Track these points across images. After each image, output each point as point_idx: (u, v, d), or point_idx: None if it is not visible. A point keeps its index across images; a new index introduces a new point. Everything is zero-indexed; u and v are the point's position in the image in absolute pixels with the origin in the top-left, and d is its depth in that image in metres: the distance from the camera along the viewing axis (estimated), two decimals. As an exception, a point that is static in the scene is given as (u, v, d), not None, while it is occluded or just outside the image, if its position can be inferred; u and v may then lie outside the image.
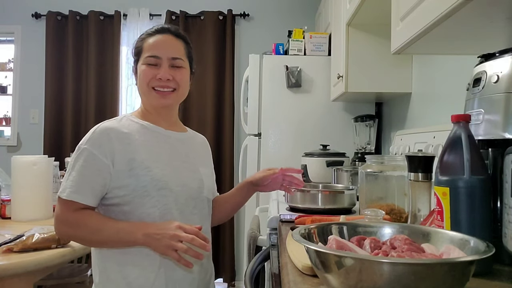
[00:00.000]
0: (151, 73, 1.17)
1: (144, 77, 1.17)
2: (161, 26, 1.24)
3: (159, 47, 1.18)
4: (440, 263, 0.54)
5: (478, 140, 0.81)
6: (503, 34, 0.95)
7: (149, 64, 1.17)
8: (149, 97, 1.19)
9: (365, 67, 2.03)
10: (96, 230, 1.05)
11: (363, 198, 1.23)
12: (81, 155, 1.09)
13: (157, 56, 1.17)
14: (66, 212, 1.07)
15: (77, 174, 1.07)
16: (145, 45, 1.20)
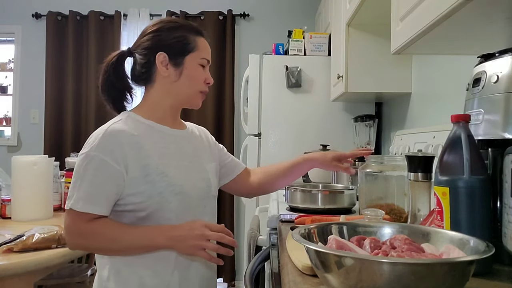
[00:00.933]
0: (204, 75, 1.16)
1: (200, 79, 1.15)
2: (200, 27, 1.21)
3: (209, 51, 1.19)
4: (440, 263, 0.54)
5: (478, 140, 0.81)
6: (503, 34, 0.95)
7: (203, 66, 1.16)
8: (194, 99, 1.18)
9: (365, 67, 2.03)
10: (115, 239, 1.02)
11: (363, 198, 1.23)
12: (91, 163, 1.02)
13: (209, 60, 1.18)
14: (80, 224, 1.01)
15: (89, 184, 1.01)
16: (200, 44, 1.16)
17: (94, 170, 1.01)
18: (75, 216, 1.01)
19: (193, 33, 1.16)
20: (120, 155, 1.03)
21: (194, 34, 1.16)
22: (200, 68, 1.15)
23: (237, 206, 3.54)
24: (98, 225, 1.02)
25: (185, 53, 1.14)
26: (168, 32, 1.15)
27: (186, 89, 1.15)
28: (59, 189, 2.17)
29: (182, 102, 1.18)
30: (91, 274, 2.22)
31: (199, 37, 1.17)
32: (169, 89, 1.15)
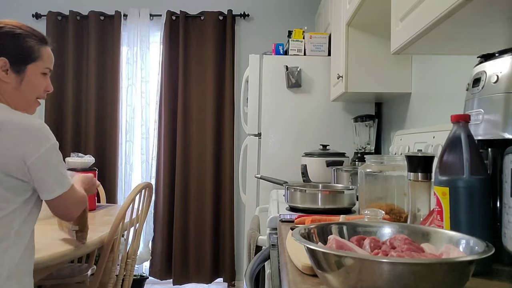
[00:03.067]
0: (44, 84, 1.26)
1: (40, 87, 1.25)
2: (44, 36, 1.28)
3: (52, 60, 1.29)
4: (439, 263, 0.54)
5: (478, 140, 0.81)
6: (502, 34, 0.95)
7: (44, 75, 1.25)
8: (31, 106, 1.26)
9: (365, 67, 2.03)
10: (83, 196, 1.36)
11: (363, 198, 1.23)
12: (57, 149, 1.21)
13: (51, 69, 1.28)
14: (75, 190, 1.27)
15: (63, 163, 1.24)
16: (44, 54, 1.24)
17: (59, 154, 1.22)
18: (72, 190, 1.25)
19: (39, 43, 1.24)
20: None
21: (39, 44, 1.24)
22: (41, 76, 1.24)
23: (237, 206, 3.54)
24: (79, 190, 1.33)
25: (27, 61, 1.21)
26: (13, 39, 1.20)
27: (26, 96, 1.23)
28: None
29: (21, 109, 1.22)
30: (91, 274, 2.22)
31: (44, 46, 1.25)
32: (12, 94, 1.21)
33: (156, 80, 3.59)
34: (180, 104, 3.50)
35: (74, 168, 2.14)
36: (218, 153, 3.51)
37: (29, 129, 1.14)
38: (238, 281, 3.50)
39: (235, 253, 3.52)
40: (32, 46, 1.22)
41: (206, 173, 3.46)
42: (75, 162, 2.16)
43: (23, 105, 1.23)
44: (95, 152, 3.37)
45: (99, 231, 1.75)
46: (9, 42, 1.19)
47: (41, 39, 1.25)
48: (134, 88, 3.61)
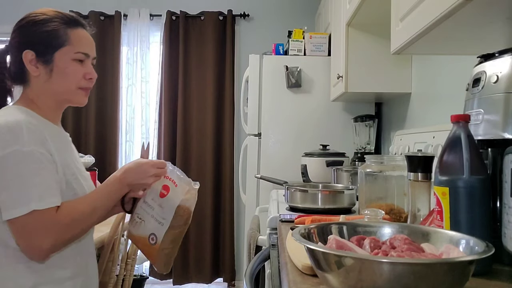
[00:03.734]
0: (81, 70, 1.08)
1: (75, 74, 1.06)
2: (78, 17, 1.12)
3: (87, 43, 1.10)
4: (439, 262, 0.54)
5: (478, 140, 0.81)
6: (502, 34, 0.95)
7: (79, 61, 1.07)
8: (74, 97, 1.09)
9: (365, 67, 2.03)
10: (92, 210, 1.01)
11: (363, 198, 1.23)
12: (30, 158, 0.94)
13: (87, 53, 1.09)
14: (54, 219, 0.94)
15: (42, 178, 0.95)
16: (73, 37, 1.06)
17: (39, 164, 0.95)
18: (42, 216, 0.92)
19: (64, 26, 1.06)
20: (49, 148, 1.00)
21: (65, 27, 1.06)
22: (74, 63, 1.06)
23: (237, 206, 3.54)
24: (70, 209, 0.98)
25: (53, 48, 1.04)
26: (34, 27, 1.05)
27: (61, 87, 1.06)
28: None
29: (62, 101, 1.10)
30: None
31: (72, 29, 1.07)
32: (44, 88, 1.06)
33: (156, 80, 3.59)
34: (180, 104, 3.50)
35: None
36: (218, 153, 3.51)
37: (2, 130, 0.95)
38: (238, 281, 3.50)
39: (235, 253, 3.52)
40: (55, 29, 1.04)
41: (206, 173, 3.46)
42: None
43: (61, 97, 1.08)
44: (95, 152, 3.36)
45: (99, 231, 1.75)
46: (31, 31, 1.05)
47: (68, 21, 1.07)
48: (134, 88, 3.61)
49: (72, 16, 1.10)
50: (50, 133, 1.04)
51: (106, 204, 1.04)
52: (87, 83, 1.09)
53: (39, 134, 0.98)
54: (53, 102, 1.09)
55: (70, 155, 1.11)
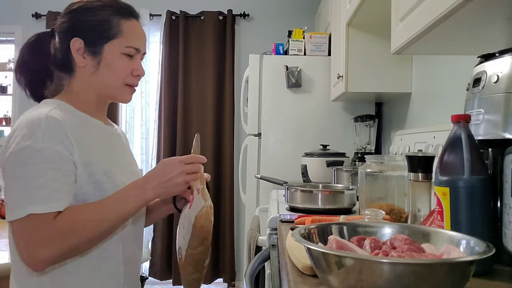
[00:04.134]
0: (130, 66, 1.00)
1: (122, 70, 0.99)
2: (131, 6, 1.03)
3: (139, 38, 1.01)
4: (440, 263, 0.54)
5: (478, 140, 0.81)
6: (503, 34, 0.95)
7: (128, 55, 0.99)
8: (119, 93, 1.02)
9: (365, 67, 2.03)
10: (101, 219, 0.87)
11: (363, 198, 1.23)
12: (41, 156, 0.85)
13: (138, 48, 1.00)
14: (50, 225, 0.82)
15: (48, 180, 0.84)
16: (125, 30, 0.98)
17: (49, 164, 0.85)
18: (39, 221, 0.82)
19: (118, 16, 0.98)
20: (70, 145, 0.89)
21: (119, 17, 0.98)
22: (123, 57, 0.98)
23: (237, 206, 3.54)
24: (72, 216, 0.85)
25: (104, 40, 0.97)
26: (86, 13, 0.98)
27: (107, 82, 0.99)
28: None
29: (105, 96, 1.03)
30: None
31: (126, 20, 0.99)
32: (89, 80, 0.99)
33: (156, 80, 3.59)
34: (180, 104, 3.50)
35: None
36: (218, 153, 3.51)
37: (20, 123, 0.89)
38: (238, 281, 3.50)
39: (235, 253, 3.52)
40: (108, 19, 0.96)
41: (206, 173, 3.46)
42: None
43: (106, 91, 1.01)
44: (95, 152, 3.36)
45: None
46: (82, 18, 0.97)
47: (123, 11, 0.98)
48: (134, 88, 3.60)
49: (127, 6, 1.01)
50: (85, 128, 0.97)
51: (120, 212, 0.89)
52: (134, 80, 1.02)
53: (59, 131, 0.88)
54: (96, 96, 1.02)
55: (111, 152, 1.02)
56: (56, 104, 0.95)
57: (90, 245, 0.91)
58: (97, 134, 1.00)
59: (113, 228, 0.91)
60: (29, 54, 1.02)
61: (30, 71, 1.02)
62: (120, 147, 1.09)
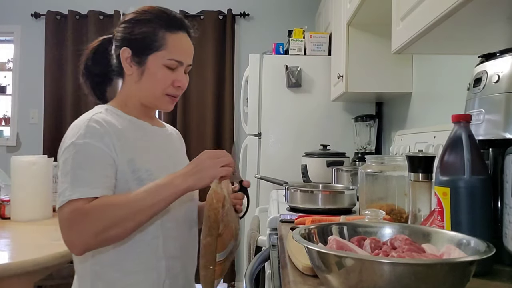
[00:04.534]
0: (170, 78, 1.04)
1: (163, 81, 1.04)
2: (181, 18, 1.07)
3: (183, 51, 1.05)
4: (440, 263, 0.54)
5: (479, 140, 0.81)
6: (503, 34, 0.95)
7: (169, 68, 1.04)
8: (160, 102, 1.07)
9: (365, 67, 2.03)
10: (129, 202, 0.90)
11: (363, 198, 1.23)
12: (81, 150, 0.92)
13: (180, 61, 1.05)
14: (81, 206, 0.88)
15: (85, 171, 0.91)
16: (170, 43, 1.03)
17: (88, 157, 0.92)
18: (75, 205, 0.88)
19: (164, 29, 1.03)
20: (110, 143, 0.96)
21: (165, 30, 1.03)
22: (165, 69, 1.03)
23: (237, 206, 3.54)
24: (104, 199, 0.90)
25: (148, 51, 1.02)
26: (135, 25, 1.04)
27: (148, 91, 1.05)
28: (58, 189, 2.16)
29: (147, 104, 1.09)
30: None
31: (171, 33, 1.03)
32: (133, 88, 1.06)
33: (156, 80, 3.58)
34: (179, 103, 3.50)
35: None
36: (218, 153, 3.50)
37: (71, 126, 0.98)
38: (238, 281, 3.50)
39: (235, 253, 3.52)
40: (153, 32, 1.02)
41: (206, 173, 3.46)
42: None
43: (148, 100, 1.06)
44: (95, 152, 3.36)
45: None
46: (132, 29, 1.03)
47: (169, 23, 1.03)
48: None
49: (176, 19, 1.06)
50: (130, 130, 1.03)
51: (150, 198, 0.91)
52: (175, 90, 1.06)
53: (100, 130, 0.96)
54: (139, 103, 1.08)
55: (156, 151, 1.07)
56: (104, 109, 1.04)
57: (123, 231, 0.91)
58: (142, 135, 1.06)
59: (144, 214, 0.92)
60: (91, 59, 1.10)
61: (94, 75, 1.11)
62: (168, 146, 1.14)
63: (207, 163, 0.95)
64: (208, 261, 0.97)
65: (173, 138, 1.20)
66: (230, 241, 1.01)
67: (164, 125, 1.20)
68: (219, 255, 0.98)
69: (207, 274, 0.97)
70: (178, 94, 1.08)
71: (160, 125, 1.18)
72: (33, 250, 1.46)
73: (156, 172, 1.01)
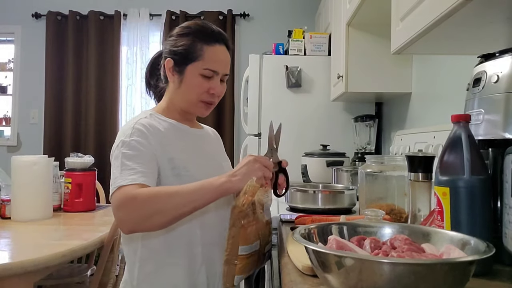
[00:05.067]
0: (206, 85, 1.15)
1: (198, 88, 1.15)
2: (219, 32, 1.20)
3: (220, 62, 1.18)
4: (440, 263, 0.54)
5: (478, 140, 0.81)
6: (503, 34, 0.95)
7: (205, 76, 1.15)
8: (195, 108, 1.18)
9: (365, 67, 2.03)
10: (178, 194, 0.98)
11: (363, 198, 1.23)
12: (129, 145, 1.05)
13: (216, 71, 1.16)
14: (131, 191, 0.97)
15: (133, 162, 1.03)
16: (207, 54, 1.14)
17: (135, 151, 1.05)
18: (125, 189, 0.98)
19: (202, 41, 1.15)
20: (153, 142, 1.08)
21: (202, 43, 1.15)
22: (200, 78, 1.14)
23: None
24: (152, 188, 1.00)
25: (187, 61, 1.14)
26: (178, 38, 1.17)
27: (185, 97, 1.17)
28: (58, 189, 2.17)
29: (185, 109, 1.20)
30: (90, 274, 2.22)
31: (209, 46, 1.15)
32: (174, 94, 1.18)
33: (156, 80, 3.59)
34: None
35: (74, 168, 2.14)
36: (218, 153, 3.51)
37: (120, 129, 1.13)
38: (238, 281, 3.50)
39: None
40: (193, 44, 1.14)
41: (206, 173, 3.46)
42: (75, 162, 2.16)
43: (185, 105, 1.18)
44: (95, 152, 3.36)
45: (99, 231, 1.75)
46: (175, 42, 1.16)
47: (207, 37, 1.15)
48: (134, 88, 3.61)
49: (213, 32, 1.17)
50: (171, 132, 1.15)
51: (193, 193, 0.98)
52: (210, 97, 1.16)
53: (144, 131, 1.08)
54: (179, 108, 1.20)
55: (194, 150, 1.18)
56: (148, 114, 1.17)
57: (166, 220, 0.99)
58: (181, 136, 1.18)
59: (188, 207, 0.99)
60: (148, 69, 1.29)
61: (151, 85, 1.29)
62: (205, 146, 1.25)
63: (255, 166, 1.02)
64: (230, 254, 0.99)
65: (211, 138, 1.32)
66: (255, 240, 1.04)
67: (202, 127, 1.31)
68: (241, 249, 1.00)
69: (229, 269, 1.00)
70: (213, 101, 1.18)
71: (199, 127, 1.30)
72: (33, 250, 1.46)
73: (194, 169, 1.11)
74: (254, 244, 1.03)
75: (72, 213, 2.10)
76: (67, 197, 2.13)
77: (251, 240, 1.02)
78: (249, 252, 1.01)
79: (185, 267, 1.10)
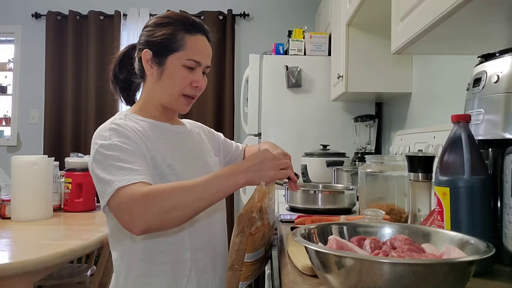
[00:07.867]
0: (189, 78, 1.08)
1: (181, 80, 1.07)
2: (200, 23, 1.12)
3: (202, 52, 1.09)
4: (440, 263, 0.54)
5: (478, 140, 0.81)
6: (503, 34, 0.95)
7: (188, 68, 1.08)
8: (176, 103, 1.10)
9: (365, 67, 2.03)
10: (189, 188, 0.90)
11: (363, 198, 1.23)
12: (112, 148, 0.95)
13: (199, 62, 1.09)
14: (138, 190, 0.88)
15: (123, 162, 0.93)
16: (189, 43, 1.07)
17: (121, 151, 0.95)
18: (126, 189, 0.89)
19: (183, 31, 1.07)
20: (134, 139, 1.00)
21: (184, 32, 1.07)
22: (183, 69, 1.07)
23: (237, 206, 3.54)
24: (158, 186, 0.91)
25: (167, 52, 1.06)
26: (156, 28, 1.09)
27: (166, 91, 1.09)
28: (58, 189, 2.16)
29: (165, 104, 1.12)
30: (90, 274, 2.22)
31: (190, 35, 1.08)
32: (153, 88, 1.11)
33: (156, 80, 3.59)
34: (180, 104, 3.50)
35: (74, 168, 2.14)
36: (218, 153, 3.51)
37: (94, 135, 1.02)
38: (238, 281, 3.49)
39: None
40: (174, 33, 1.06)
41: (206, 173, 3.46)
42: (75, 162, 2.16)
43: (164, 100, 1.10)
44: (95, 152, 3.36)
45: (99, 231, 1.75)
46: (153, 32, 1.08)
47: (189, 26, 1.08)
48: (134, 88, 3.60)
49: (194, 22, 1.11)
50: (149, 131, 1.07)
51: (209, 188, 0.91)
52: (192, 90, 1.10)
53: (123, 130, 1.00)
54: (158, 104, 1.12)
55: (176, 148, 1.10)
56: (123, 115, 1.09)
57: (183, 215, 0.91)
58: (162, 134, 1.10)
59: (204, 201, 0.92)
60: (118, 65, 1.20)
61: (121, 81, 1.21)
62: (189, 143, 1.18)
63: (270, 164, 0.96)
64: (235, 260, 0.95)
65: (194, 134, 1.23)
66: (260, 246, 1.00)
67: (183, 123, 1.24)
68: (247, 256, 0.96)
69: (233, 274, 0.96)
70: (195, 94, 1.12)
71: (180, 123, 1.22)
72: (33, 250, 1.46)
73: (178, 167, 1.05)
74: (260, 250, 1.00)
75: (72, 213, 2.09)
76: (67, 197, 2.13)
77: (258, 247, 0.99)
78: (254, 259, 0.99)
79: (173, 274, 1.04)
